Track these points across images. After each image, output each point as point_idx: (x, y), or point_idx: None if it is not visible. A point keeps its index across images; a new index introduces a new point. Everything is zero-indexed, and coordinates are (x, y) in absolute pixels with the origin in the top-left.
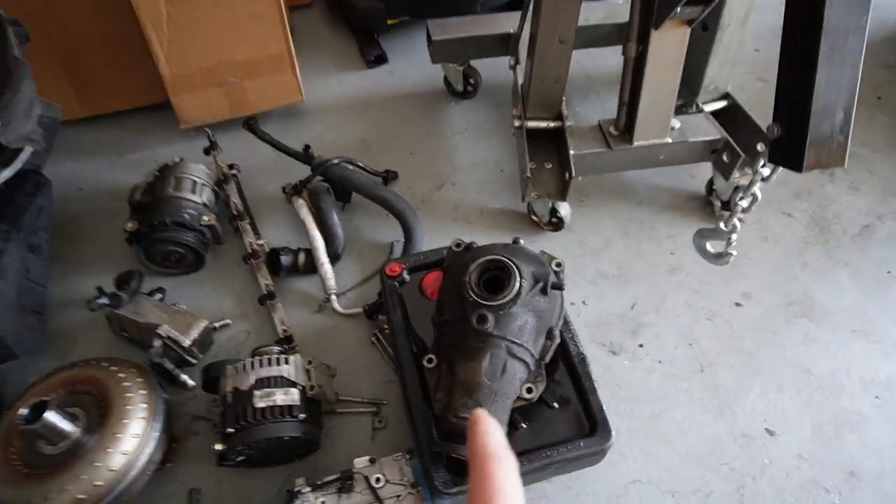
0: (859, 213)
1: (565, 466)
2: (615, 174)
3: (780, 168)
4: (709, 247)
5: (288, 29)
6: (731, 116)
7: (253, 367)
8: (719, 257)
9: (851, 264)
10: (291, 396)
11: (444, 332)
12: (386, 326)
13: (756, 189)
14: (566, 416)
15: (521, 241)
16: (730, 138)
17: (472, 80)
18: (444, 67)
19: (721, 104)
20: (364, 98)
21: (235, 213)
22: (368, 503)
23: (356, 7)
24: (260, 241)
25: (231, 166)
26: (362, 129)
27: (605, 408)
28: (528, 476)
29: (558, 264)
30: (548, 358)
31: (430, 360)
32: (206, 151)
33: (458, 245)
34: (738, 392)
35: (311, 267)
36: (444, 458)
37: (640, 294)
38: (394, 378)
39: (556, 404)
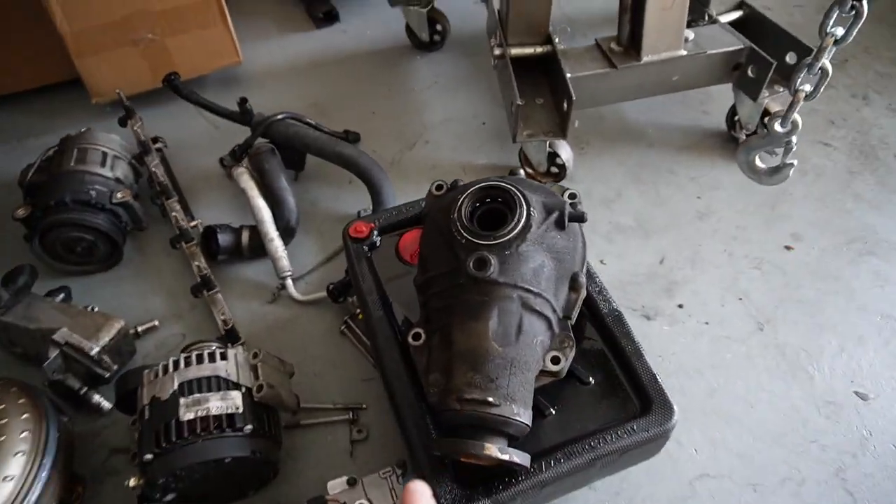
0: None
1: (615, 462)
2: (617, 116)
3: (863, 17)
4: (758, 162)
5: None
6: (751, 27)
7: (176, 367)
8: (775, 172)
9: None
10: (231, 402)
11: (432, 293)
12: (358, 310)
13: (826, 60)
14: (607, 394)
15: (521, 172)
16: (755, 47)
17: (438, 27)
18: (405, 13)
19: (736, 14)
20: (314, 60)
21: (159, 188)
22: None
23: None
24: (193, 223)
25: (155, 139)
26: (314, 91)
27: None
28: (565, 481)
29: (572, 195)
30: (574, 315)
31: (416, 336)
32: (122, 122)
33: (438, 187)
34: (811, 351)
35: (259, 248)
36: (448, 463)
37: (668, 246)
38: (373, 375)
39: (591, 379)
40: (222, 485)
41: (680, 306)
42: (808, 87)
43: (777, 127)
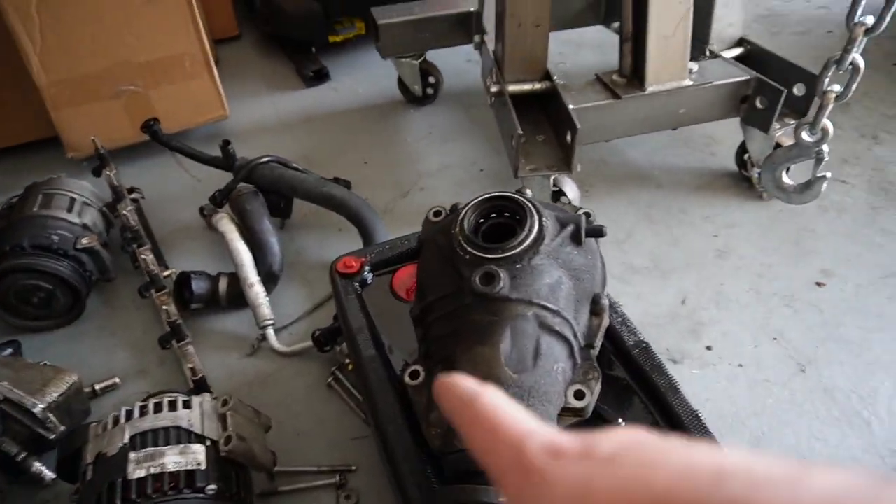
0: None
1: None
2: (620, 159)
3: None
4: (786, 179)
5: (199, 20)
6: (754, 61)
7: (129, 417)
8: (806, 188)
9: None
10: (192, 457)
11: (432, 320)
12: (347, 360)
13: (856, 54)
14: None
15: (528, 192)
16: (763, 77)
17: (431, 79)
18: (396, 66)
19: (738, 51)
20: (305, 116)
21: (130, 234)
22: None
23: (288, 13)
24: (166, 272)
25: (132, 189)
26: (303, 145)
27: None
28: None
29: (587, 213)
30: (598, 344)
31: (413, 374)
32: (97, 171)
33: (436, 213)
34: (863, 394)
35: (237, 296)
36: None
37: (689, 286)
38: (364, 433)
39: (621, 420)
40: None
41: (709, 348)
42: (837, 88)
43: (805, 136)
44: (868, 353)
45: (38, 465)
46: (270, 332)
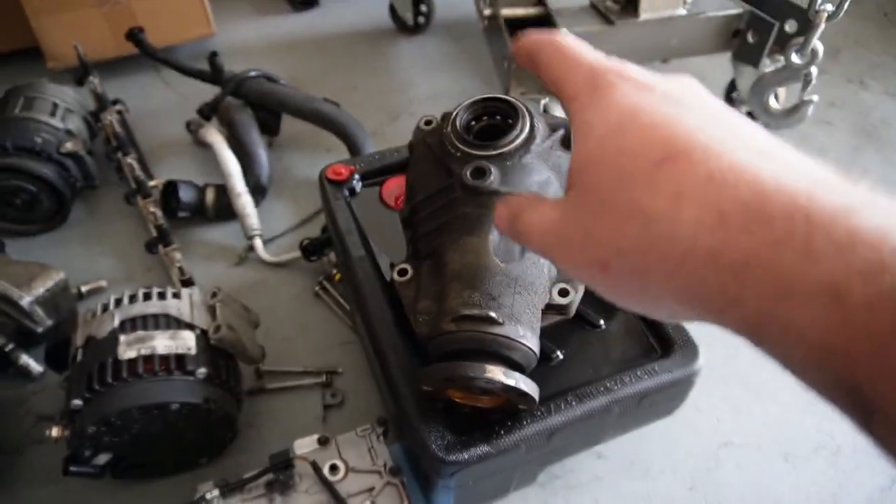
0: None
1: (634, 410)
2: None
3: None
4: (773, 102)
5: None
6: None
7: (118, 304)
8: (792, 112)
9: None
10: (182, 342)
11: (421, 218)
12: (335, 271)
13: None
14: (622, 338)
15: None
16: (756, 10)
17: (424, 7)
18: None
19: None
20: (292, 40)
21: (115, 142)
22: None
23: None
24: (152, 182)
25: (115, 101)
26: (291, 67)
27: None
28: (577, 430)
29: None
30: None
31: (402, 272)
32: (80, 81)
33: (427, 122)
34: None
35: (225, 209)
36: (437, 402)
37: None
38: (350, 339)
39: (602, 323)
40: (168, 447)
41: None
42: (830, 7)
43: (795, 57)
44: None
45: (25, 358)
46: (258, 241)
